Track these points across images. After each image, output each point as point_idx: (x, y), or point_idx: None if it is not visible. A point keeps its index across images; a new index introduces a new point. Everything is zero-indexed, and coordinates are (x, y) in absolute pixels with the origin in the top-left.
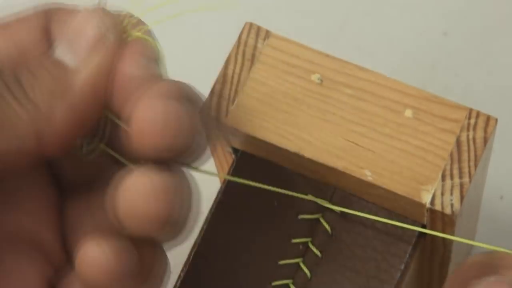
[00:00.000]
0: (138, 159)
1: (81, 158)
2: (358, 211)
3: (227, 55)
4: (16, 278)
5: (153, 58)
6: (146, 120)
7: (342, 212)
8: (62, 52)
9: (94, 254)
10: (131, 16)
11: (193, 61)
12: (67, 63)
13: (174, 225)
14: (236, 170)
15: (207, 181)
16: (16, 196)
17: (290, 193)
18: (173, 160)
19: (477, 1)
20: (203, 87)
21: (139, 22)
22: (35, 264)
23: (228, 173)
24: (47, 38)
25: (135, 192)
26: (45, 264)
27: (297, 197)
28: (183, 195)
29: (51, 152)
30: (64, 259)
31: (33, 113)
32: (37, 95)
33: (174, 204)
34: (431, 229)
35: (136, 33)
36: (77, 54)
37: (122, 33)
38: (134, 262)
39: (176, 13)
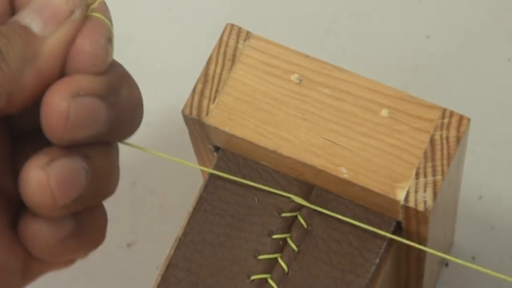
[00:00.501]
0: None
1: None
2: (335, 207)
3: (208, 55)
4: None
5: (108, 38)
6: (49, 115)
7: (319, 208)
8: (31, 20)
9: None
10: None
11: (176, 61)
12: (35, 31)
13: (75, 202)
14: (217, 167)
15: (192, 177)
16: None
17: (269, 189)
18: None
19: (459, 5)
20: (185, 86)
21: None
22: None
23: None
24: (11, 3)
25: (28, 187)
26: (5, 206)
27: (276, 194)
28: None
29: (16, 110)
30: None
31: (8, 75)
32: (11, 58)
33: (68, 190)
34: (406, 226)
35: (96, 14)
36: (45, 24)
37: (86, 9)
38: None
39: None
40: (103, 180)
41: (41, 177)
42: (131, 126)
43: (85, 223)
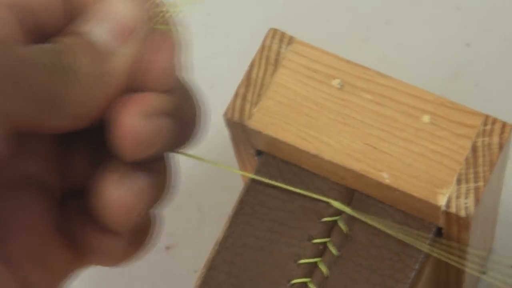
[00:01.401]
0: None
1: None
2: (376, 213)
3: (251, 59)
4: (27, 217)
5: (177, 50)
6: (123, 136)
7: (359, 214)
8: (98, 33)
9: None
10: (161, 3)
11: (219, 65)
12: (102, 46)
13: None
14: (258, 172)
15: (230, 180)
16: (26, 142)
17: (310, 194)
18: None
19: (499, 13)
20: (228, 90)
21: (165, 9)
22: (42, 203)
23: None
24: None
25: (108, 206)
26: (50, 204)
27: (316, 199)
28: (153, 194)
29: (79, 128)
30: (63, 197)
31: (79, 95)
32: (82, 77)
33: (143, 205)
34: (447, 231)
35: (165, 26)
36: (113, 39)
37: (154, 24)
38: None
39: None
40: (163, 190)
41: (121, 195)
42: (192, 138)
43: (140, 230)
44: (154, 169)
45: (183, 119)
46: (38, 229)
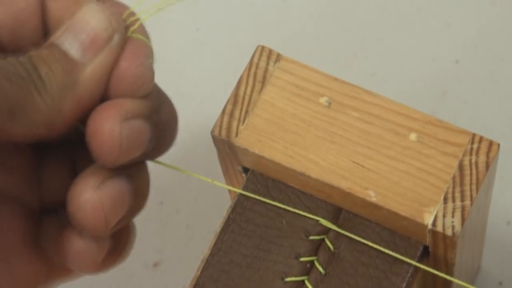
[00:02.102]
0: None
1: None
2: (362, 231)
3: (236, 76)
4: (3, 230)
5: (150, 56)
6: (102, 141)
7: (346, 231)
8: (70, 45)
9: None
10: (132, 12)
11: (208, 80)
12: (74, 57)
13: (120, 221)
14: (246, 189)
15: (219, 198)
16: (2, 158)
17: (298, 211)
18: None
19: (488, 30)
20: (213, 107)
21: (133, 17)
22: (16, 216)
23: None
24: (42, 10)
25: (82, 210)
26: (26, 217)
27: (304, 217)
28: (127, 198)
29: (54, 136)
30: (39, 211)
31: (50, 105)
32: (53, 87)
33: (117, 211)
34: (433, 250)
35: (136, 35)
36: (85, 51)
37: (125, 32)
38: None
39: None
40: (141, 197)
41: (95, 199)
42: (168, 143)
43: (118, 238)
44: (133, 175)
45: (160, 123)
46: (8, 241)
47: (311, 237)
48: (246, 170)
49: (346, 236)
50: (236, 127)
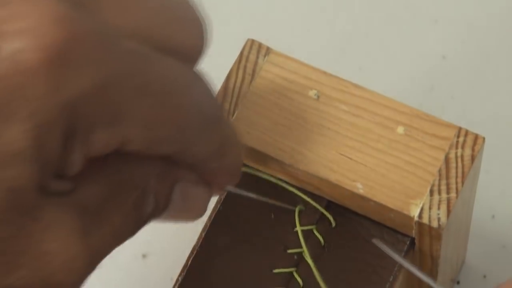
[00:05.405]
0: None
1: None
2: (352, 225)
3: (227, 70)
4: None
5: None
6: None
7: (335, 225)
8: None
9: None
10: None
11: None
12: None
13: None
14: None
15: None
16: None
17: (286, 206)
18: None
19: (475, 26)
20: None
21: None
22: None
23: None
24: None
25: None
26: None
27: (293, 210)
28: None
29: None
30: None
31: None
32: None
33: None
34: (419, 243)
35: None
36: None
37: None
38: None
39: None
40: None
41: None
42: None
43: None
44: None
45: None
46: None
47: (299, 229)
48: None
49: (335, 229)
50: None
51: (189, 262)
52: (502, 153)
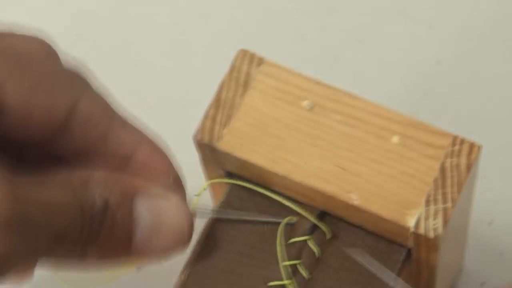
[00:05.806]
0: None
1: None
2: (347, 236)
3: (220, 80)
4: None
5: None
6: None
7: (330, 237)
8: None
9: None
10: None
11: (190, 84)
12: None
13: None
14: (229, 194)
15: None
16: None
17: (275, 220)
18: None
19: (470, 31)
20: (197, 111)
21: None
22: None
23: (222, 200)
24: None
25: None
26: None
27: (287, 223)
28: None
29: None
30: None
31: None
32: None
33: None
34: (416, 253)
35: None
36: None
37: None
38: None
39: None
40: None
41: None
42: None
43: None
44: None
45: None
46: None
47: (294, 240)
48: (229, 174)
49: (330, 241)
50: (218, 131)
51: (184, 276)
52: (499, 158)
